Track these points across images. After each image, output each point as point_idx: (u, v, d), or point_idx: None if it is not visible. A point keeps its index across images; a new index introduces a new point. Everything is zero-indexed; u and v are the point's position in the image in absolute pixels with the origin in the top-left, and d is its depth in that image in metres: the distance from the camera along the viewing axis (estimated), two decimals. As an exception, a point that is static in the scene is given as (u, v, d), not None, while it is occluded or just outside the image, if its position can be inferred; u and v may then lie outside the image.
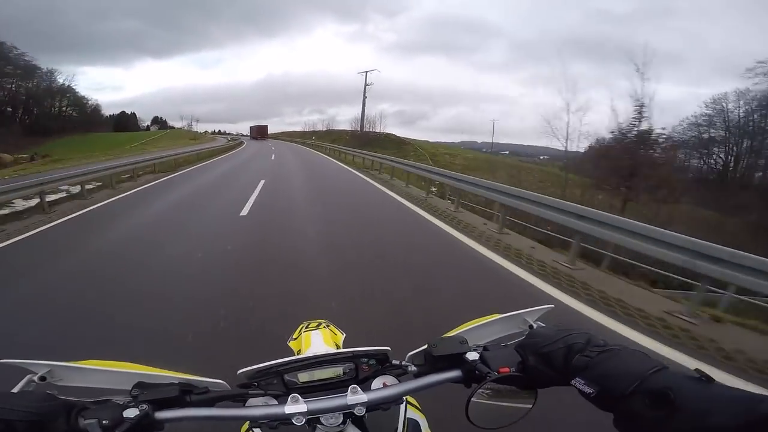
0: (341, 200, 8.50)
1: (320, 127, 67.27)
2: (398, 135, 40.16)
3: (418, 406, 0.75)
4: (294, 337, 1.06)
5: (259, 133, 62.48)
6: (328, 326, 1.07)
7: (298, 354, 0.95)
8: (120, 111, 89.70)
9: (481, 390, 0.48)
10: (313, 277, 3.76)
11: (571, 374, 0.45)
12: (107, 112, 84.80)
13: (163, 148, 27.18)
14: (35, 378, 0.51)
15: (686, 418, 0.35)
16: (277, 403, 0.53)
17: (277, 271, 3.93)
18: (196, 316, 2.91)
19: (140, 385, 0.50)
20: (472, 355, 0.53)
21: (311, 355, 0.57)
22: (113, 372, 0.53)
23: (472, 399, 0.48)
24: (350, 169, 15.56)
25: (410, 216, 6.91)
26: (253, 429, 0.63)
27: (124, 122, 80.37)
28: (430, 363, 0.55)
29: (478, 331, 0.64)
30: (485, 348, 0.54)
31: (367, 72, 43.16)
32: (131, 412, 0.45)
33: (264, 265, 4.12)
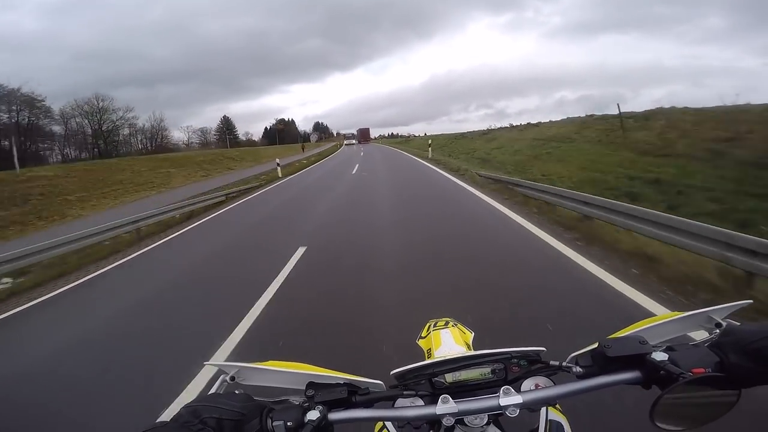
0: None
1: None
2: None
3: (559, 407, 0.70)
4: (423, 335, 1.08)
5: (363, 136, 69.64)
6: (456, 325, 1.07)
7: (428, 352, 0.98)
8: (315, 122, 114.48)
9: (671, 392, 0.43)
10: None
11: None
12: (309, 125, 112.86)
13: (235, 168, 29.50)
14: (227, 378, 0.61)
15: None
16: (424, 403, 0.54)
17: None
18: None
19: (312, 386, 0.55)
20: (660, 356, 0.48)
21: (464, 355, 0.58)
22: (289, 373, 0.60)
23: (659, 401, 0.44)
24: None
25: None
26: (387, 427, 0.65)
27: (282, 133, 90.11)
28: (600, 364, 0.52)
29: (653, 330, 0.58)
30: (670, 348, 0.50)
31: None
32: (312, 415, 0.50)
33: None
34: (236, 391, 0.53)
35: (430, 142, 25.18)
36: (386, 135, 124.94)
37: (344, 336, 2.84)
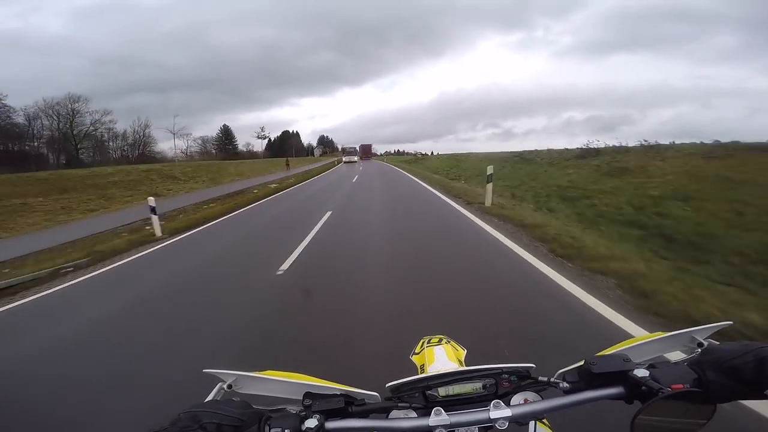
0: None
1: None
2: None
3: (547, 423, 0.72)
4: (416, 351, 1.10)
5: (365, 153, 67.23)
6: (449, 342, 1.09)
7: (421, 368, 1.00)
8: (320, 135, 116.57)
9: (650, 407, 0.46)
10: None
11: (765, 386, 0.45)
12: (317, 138, 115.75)
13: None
14: (225, 386, 0.62)
15: None
16: (417, 415, 0.56)
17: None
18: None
19: (309, 396, 0.57)
20: (641, 372, 0.51)
21: (456, 370, 0.60)
22: (286, 382, 0.61)
23: (639, 415, 0.46)
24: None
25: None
26: None
27: (285, 146, 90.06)
28: (586, 380, 0.54)
29: (638, 349, 0.60)
30: (652, 365, 0.53)
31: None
32: (310, 423, 0.51)
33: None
34: (234, 399, 0.54)
35: (490, 172, 8.34)
36: (393, 152, 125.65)
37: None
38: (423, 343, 1.10)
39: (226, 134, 75.17)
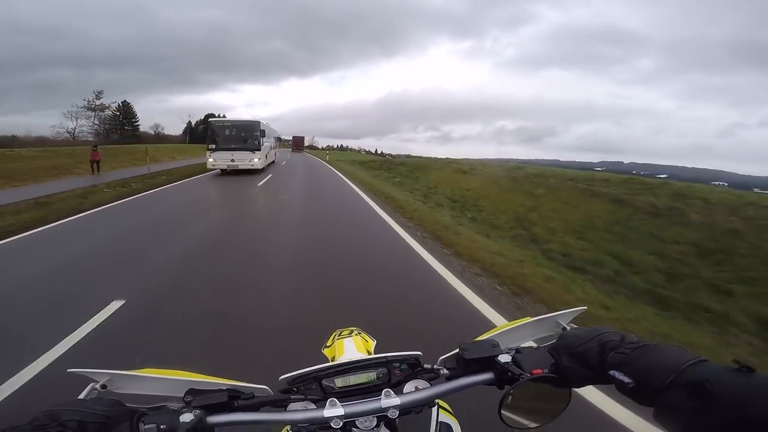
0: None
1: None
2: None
3: (450, 410, 0.76)
4: (327, 344, 1.10)
5: (296, 144, 66.19)
6: (359, 333, 1.10)
7: (332, 360, 0.99)
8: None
9: (514, 391, 0.49)
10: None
11: (606, 371, 0.46)
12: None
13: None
14: (97, 386, 0.56)
15: (725, 408, 0.35)
16: (315, 407, 0.56)
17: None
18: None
19: (192, 392, 0.54)
20: (504, 358, 0.54)
21: (346, 361, 0.61)
22: (166, 379, 0.57)
23: (505, 400, 0.49)
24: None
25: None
26: None
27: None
28: (462, 366, 0.57)
29: (510, 334, 0.65)
30: (517, 350, 0.55)
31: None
32: (186, 417, 0.48)
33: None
34: (103, 398, 0.49)
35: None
36: (335, 147, 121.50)
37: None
38: (335, 336, 1.11)
39: (126, 111, 61.21)
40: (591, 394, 2.13)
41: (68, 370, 0.56)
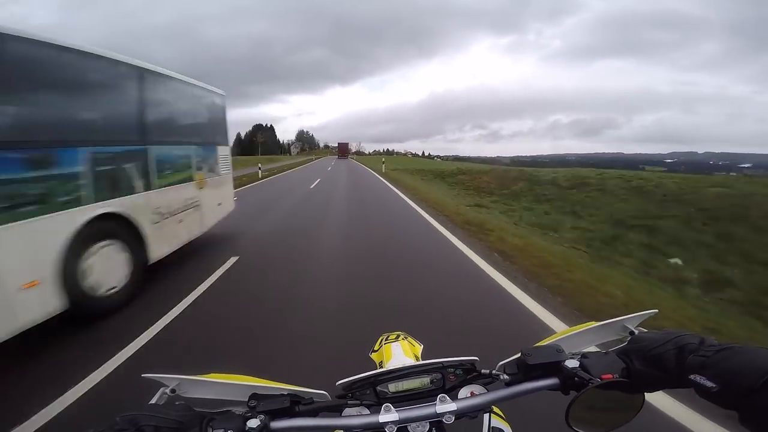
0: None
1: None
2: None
3: (502, 415, 0.74)
4: (375, 349, 1.10)
5: (341, 151, 66.67)
6: (406, 338, 1.10)
7: (380, 365, 1.00)
8: (299, 130, 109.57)
9: (582, 397, 0.48)
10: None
11: (686, 374, 0.45)
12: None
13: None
14: (167, 390, 0.59)
15: None
16: (369, 412, 0.56)
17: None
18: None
19: (255, 397, 0.55)
20: (572, 363, 0.53)
21: (402, 366, 0.60)
22: (230, 384, 0.59)
23: (572, 406, 0.48)
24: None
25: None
26: None
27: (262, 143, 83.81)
28: (524, 371, 0.56)
29: (572, 339, 0.63)
30: (584, 355, 0.54)
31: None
32: (253, 423, 0.50)
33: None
34: (176, 403, 0.52)
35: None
36: (381, 151, 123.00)
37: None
38: (381, 340, 1.11)
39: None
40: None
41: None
